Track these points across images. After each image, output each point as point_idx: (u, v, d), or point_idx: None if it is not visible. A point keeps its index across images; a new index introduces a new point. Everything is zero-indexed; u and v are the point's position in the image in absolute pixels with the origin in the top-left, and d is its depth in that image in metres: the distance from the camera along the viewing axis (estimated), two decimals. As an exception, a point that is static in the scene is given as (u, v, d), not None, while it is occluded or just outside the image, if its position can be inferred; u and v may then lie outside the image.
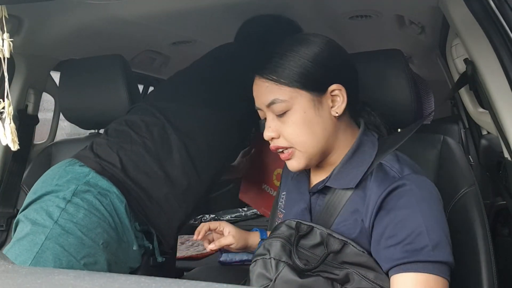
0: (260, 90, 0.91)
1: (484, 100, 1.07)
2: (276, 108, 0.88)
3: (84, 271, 0.43)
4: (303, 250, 0.86)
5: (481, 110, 1.22)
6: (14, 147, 0.90)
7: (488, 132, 1.86)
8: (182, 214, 1.26)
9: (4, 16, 0.88)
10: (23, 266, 0.45)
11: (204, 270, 1.66)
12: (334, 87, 0.88)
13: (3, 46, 0.86)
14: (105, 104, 1.45)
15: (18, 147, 0.90)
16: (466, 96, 1.24)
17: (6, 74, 0.87)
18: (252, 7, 1.37)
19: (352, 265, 0.83)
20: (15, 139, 0.90)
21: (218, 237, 1.14)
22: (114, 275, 0.40)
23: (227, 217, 2.35)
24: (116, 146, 1.21)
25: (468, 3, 0.93)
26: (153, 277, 0.39)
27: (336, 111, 0.89)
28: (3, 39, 0.86)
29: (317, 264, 0.83)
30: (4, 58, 0.87)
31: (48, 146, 1.62)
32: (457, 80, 1.17)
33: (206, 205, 2.39)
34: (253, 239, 1.14)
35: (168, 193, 1.21)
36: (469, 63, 1.08)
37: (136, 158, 1.20)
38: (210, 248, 1.11)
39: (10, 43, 0.87)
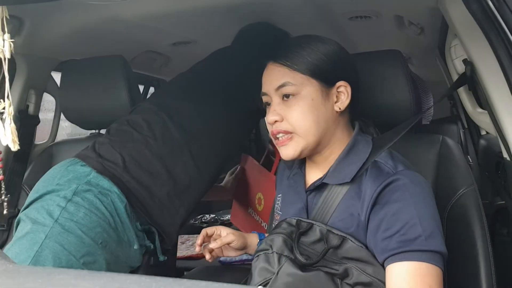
0: (272, 74, 0.96)
1: (483, 101, 1.07)
2: (285, 90, 0.93)
3: (85, 271, 0.43)
4: (304, 246, 0.89)
5: (480, 110, 1.22)
6: (14, 147, 0.90)
7: (487, 132, 1.86)
8: (184, 211, 1.27)
9: (5, 16, 0.88)
10: (24, 266, 0.45)
11: (204, 270, 1.66)
12: (341, 83, 0.95)
13: (4, 46, 0.87)
14: (105, 104, 1.45)
15: (18, 147, 0.91)
16: (465, 96, 1.24)
17: (7, 74, 0.87)
18: (252, 8, 1.37)
19: (351, 260, 0.85)
20: (16, 139, 0.90)
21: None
22: (114, 275, 0.41)
23: (227, 217, 2.35)
24: (119, 145, 1.22)
25: (467, 4, 0.93)
26: (153, 276, 0.39)
27: (339, 106, 0.94)
28: (4, 40, 0.86)
29: (318, 259, 0.86)
30: (5, 59, 0.87)
31: (49, 146, 1.63)
32: (455, 80, 1.18)
33: (206, 205, 2.39)
34: (251, 239, 1.16)
35: (170, 190, 1.22)
36: (468, 63, 1.08)
37: (139, 156, 1.20)
38: (212, 247, 1.11)
39: (11, 43, 0.87)
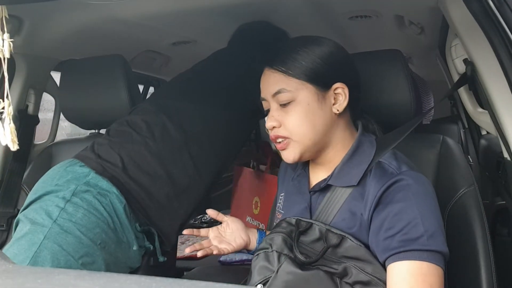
0: (268, 80, 0.96)
1: (483, 100, 1.07)
2: (281, 97, 0.92)
3: (85, 271, 0.43)
4: (303, 245, 0.89)
5: (480, 110, 1.22)
6: (14, 147, 0.90)
7: (488, 132, 1.86)
8: (183, 213, 1.27)
9: (5, 16, 0.88)
10: (23, 266, 0.45)
11: (204, 270, 1.66)
12: (338, 85, 0.93)
13: (3, 46, 0.86)
14: (105, 104, 1.45)
15: (17, 147, 0.90)
16: (465, 96, 1.24)
17: (6, 74, 0.87)
18: (252, 8, 1.37)
19: (350, 259, 0.85)
20: (15, 139, 0.90)
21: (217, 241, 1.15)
22: (114, 275, 0.41)
23: (227, 216, 2.35)
24: (118, 146, 1.21)
25: (468, 4, 0.93)
26: (153, 276, 0.39)
27: (337, 108, 0.93)
28: (3, 39, 0.86)
29: (317, 258, 0.86)
30: (4, 58, 0.87)
31: (49, 146, 1.62)
32: (456, 80, 1.17)
33: (206, 205, 2.39)
34: (252, 230, 1.15)
35: (169, 192, 1.21)
36: (468, 63, 1.08)
37: (138, 157, 1.20)
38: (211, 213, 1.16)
39: (11, 43, 0.87)
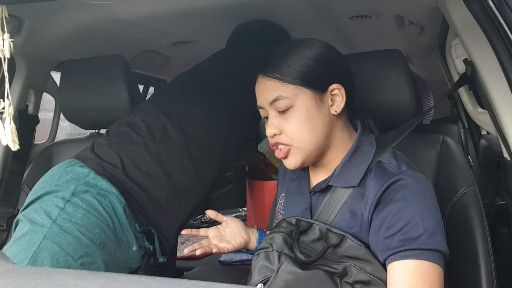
0: (263, 88, 0.94)
1: (483, 100, 1.07)
2: (279, 104, 0.91)
3: (85, 271, 0.43)
4: (304, 245, 0.90)
5: (480, 110, 1.22)
6: (14, 147, 0.90)
7: (488, 132, 1.86)
8: (183, 214, 1.26)
9: (5, 16, 0.88)
10: (23, 266, 0.45)
11: (204, 270, 1.66)
12: (334, 86, 0.93)
13: (3, 46, 0.86)
14: (105, 104, 1.45)
15: (18, 147, 0.90)
16: (465, 96, 1.24)
17: (6, 74, 0.87)
18: (252, 8, 1.37)
19: (350, 258, 0.85)
20: (15, 139, 0.90)
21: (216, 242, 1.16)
22: (114, 275, 0.41)
23: (227, 217, 2.35)
24: (117, 146, 1.21)
25: (468, 4, 0.93)
26: (153, 276, 0.39)
27: (335, 109, 0.93)
28: (3, 39, 0.86)
29: (317, 257, 0.86)
30: (4, 58, 0.86)
31: (49, 146, 1.62)
32: (456, 80, 1.17)
33: (206, 205, 2.39)
34: (252, 230, 1.15)
35: (168, 193, 1.21)
36: (468, 63, 1.08)
37: (137, 158, 1.20)
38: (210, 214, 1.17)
39: (11, 43, 0.86)
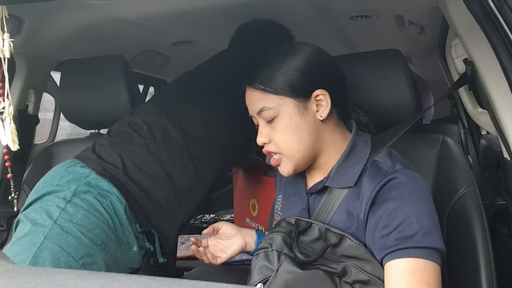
0: (250, 99, 0.97)
1: (483, 100, 1.07)
2: (265, 115, 0.94)
3: (85, 271, 0.43)
4: (303, 244, 0.90)
5: (480, 110, 1.22)
6: (14, 147, 0.90)
7: (488, 132, 1.86)
8: (183, 215, 1.26)
9: (5, 16, 0.88)
10: (23, 266, 0.45)
11: (204, 270, 1.66)
12: (318, 92, 0.93)
13: (3, 46, 0.86)
14: (105, 104, 1.45)
15: (18, 147, 0.91)
16: (465, 96, 1.24)
17: (6, 74, 0.87)
18: (252, 7, 1.37)
19: (350, 258, 0.86)
20: (15, 139, 0.90)
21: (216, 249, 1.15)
22: (114, 275, 0.41)
23: (227, 217, 2.35)
24: (118, 147, 1.21)
25: (468, 4, 0.93)
26: (153, 276, 0.39)
27: (320, 115, 0.93)
28: (3, 39, 0.86)
29: (316, 257, 0.86)
30: (4, 58, 0.87)
31: (49, 146, 1.63)
32: (456, 80, 1.17)
33: (206, 205, 2.39)
34: (248, 232, 1.14)
35: (169, 194, 1.21)
36: (468, 63, 1.08)
37: (138, 159, 1.19)
38: (205, 232, 1.15)
39: (11, 43, 0.87)
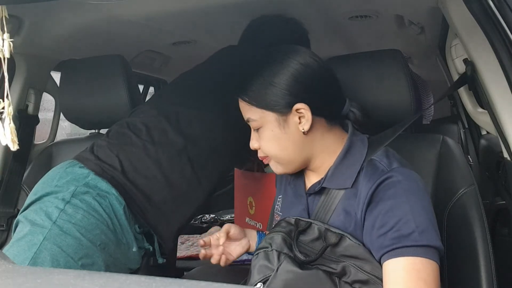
0: (240, 107, 1.01)
1: (483, 100, 1.07)
2: (252, 124, 0.99)
3: (84, 271, 0.43)
4: (303, 244, 0.90)
5: (480, 110, 1.22)
6: (14, 147, 0.90)
7: (488, 132, 1.86)
8: (181, 217, 1.26)
9: (4, 16, 0.88)
10: (23, 266, 0.45)
11: (204, 270, 1.66)
12: (298, 106, 0.93)
13: (3, 46, 0.86)
14: (105, 104, 1.45)
15: (17, 147, 0.90)
16: (465, 96, 1.24)
17: (6, 74, 0.87)
18: (252, 7, 1.37)
19: (349, 257, 0.86)
20: (15, 139, 0.90)
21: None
22: (114, 275, 0.41)
23: (227, 217, 2.35)
24: (117, 148, 1.21)
25: (468, 4, 0.93)
26: (153, 277, 0.39)
27: (302, 127, 0.93)
28: (3, 39, 0.86)
29: (316, 257, 0.87)
30: (4, 58, 0.86)
31: (49, 146, 1.62)
32: (456, 80, 1.17)
33: (206, 205, 2.39)
34: (250, 233, 1.14)
35: (166, 196, 1.20)
36: (468, 63, 1.08)
37: (136, 161, 1.19)
38: (214, 244, 1.10)
39: (11, 43, 0.86)
